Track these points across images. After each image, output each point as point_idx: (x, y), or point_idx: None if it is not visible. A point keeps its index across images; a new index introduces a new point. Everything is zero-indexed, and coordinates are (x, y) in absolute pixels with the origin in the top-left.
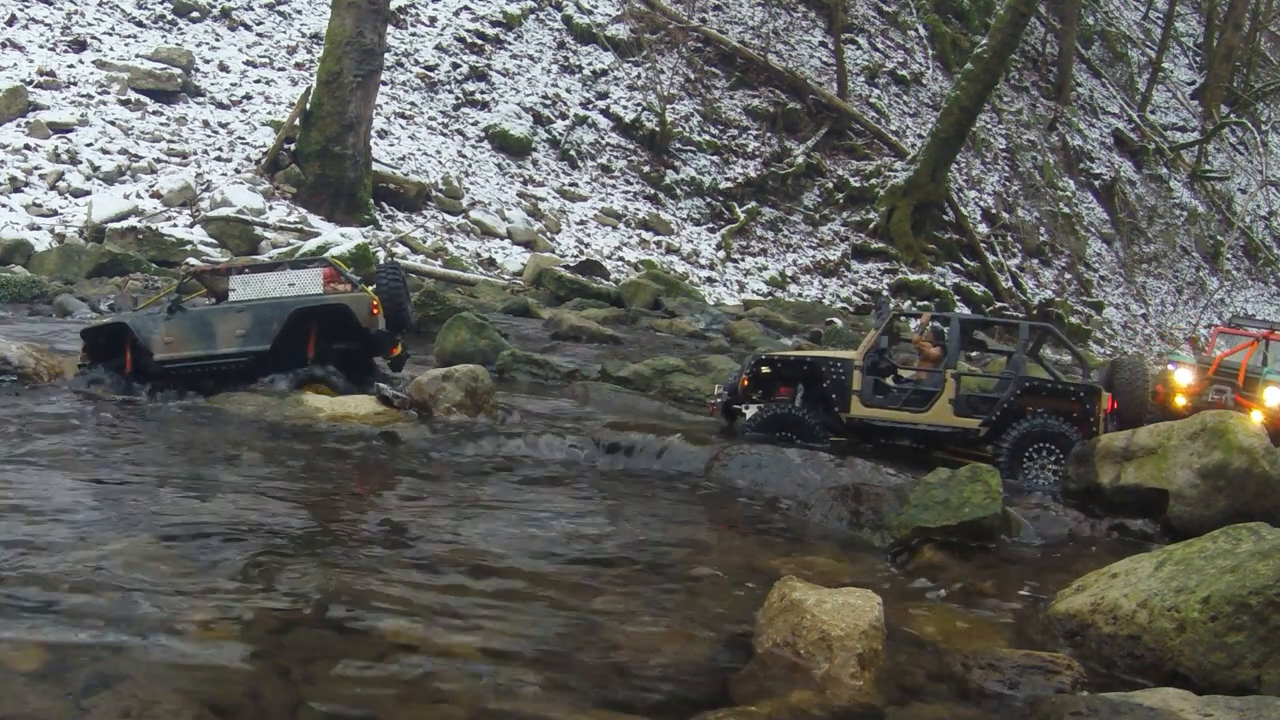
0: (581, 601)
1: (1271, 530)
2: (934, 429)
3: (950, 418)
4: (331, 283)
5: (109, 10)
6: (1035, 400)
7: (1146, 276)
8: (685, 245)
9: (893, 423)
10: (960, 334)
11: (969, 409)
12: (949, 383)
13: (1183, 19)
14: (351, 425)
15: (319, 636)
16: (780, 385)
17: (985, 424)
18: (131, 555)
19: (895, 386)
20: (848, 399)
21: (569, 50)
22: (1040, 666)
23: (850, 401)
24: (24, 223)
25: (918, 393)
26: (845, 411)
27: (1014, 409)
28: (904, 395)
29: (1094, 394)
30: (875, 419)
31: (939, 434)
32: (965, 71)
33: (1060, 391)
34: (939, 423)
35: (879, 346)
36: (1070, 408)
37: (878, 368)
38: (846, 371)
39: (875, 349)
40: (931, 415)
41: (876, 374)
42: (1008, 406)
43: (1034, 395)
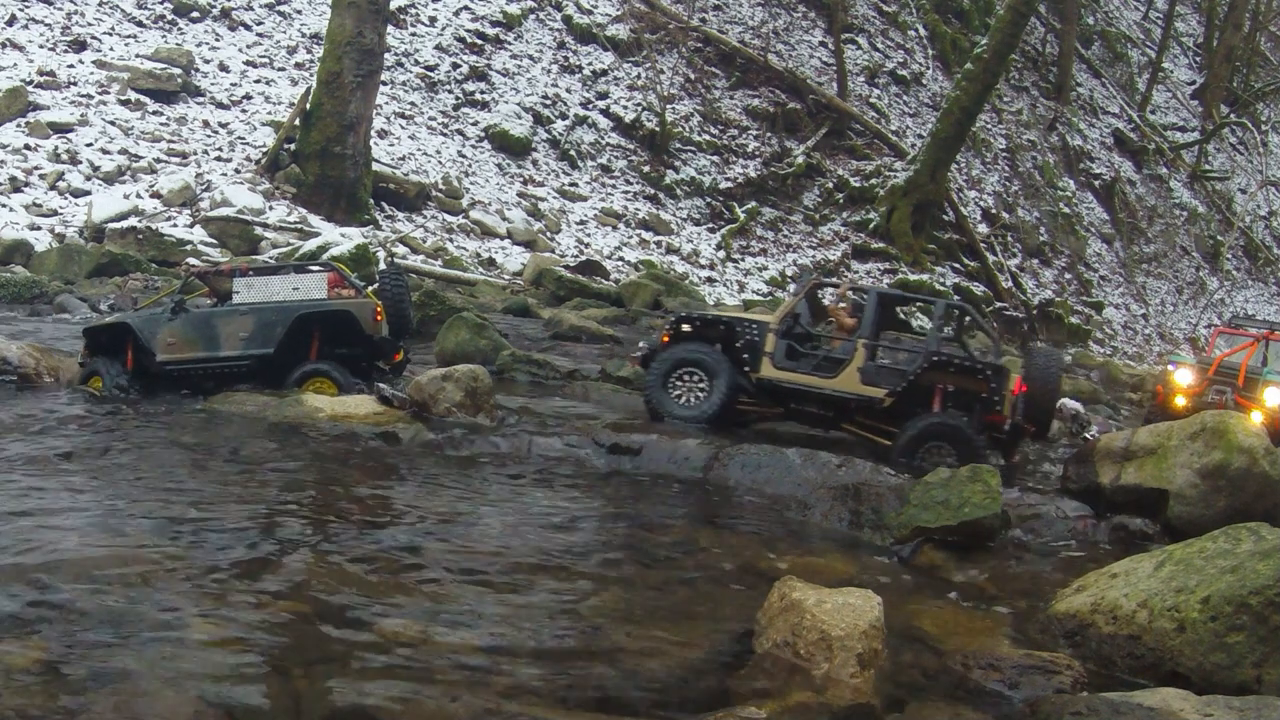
0: (581, 601)
1: (1271, 530)
2: (839, 394)
3: (857, 385)
4: (336, 288)
5: (109, 10)
6: (942, 376)
7: (1146, 276)
8: (685, 245)
9: (801, 386)
10: (877, 308)
11: (876, 378)
12: (859, 351)
13: (1183, 19)
14: (351, 425)
15: (319, 636)
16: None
17: (890, 394)
18: (131, 555)
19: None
20: (759, 360)
21: (569, 50)
22: (1040, 666)
23: (761, 363)
24: (24, 223)
25: (828, 359)
26: (756, 372)
27: (920, 382)
28: (815, 361)
29: (1000, 374)
30: (784, 381)
31: (844, 400)
32: (965, 71)
33: (967, 369)
34: (845, 389)
35: (795, 312)
36: (976, 386)
37: (792, 333)
38: (760, 334)
39: (792, 314)
40: (839, 382)
41: (791, 339)
42: (914, 379)
43: (941, 370)
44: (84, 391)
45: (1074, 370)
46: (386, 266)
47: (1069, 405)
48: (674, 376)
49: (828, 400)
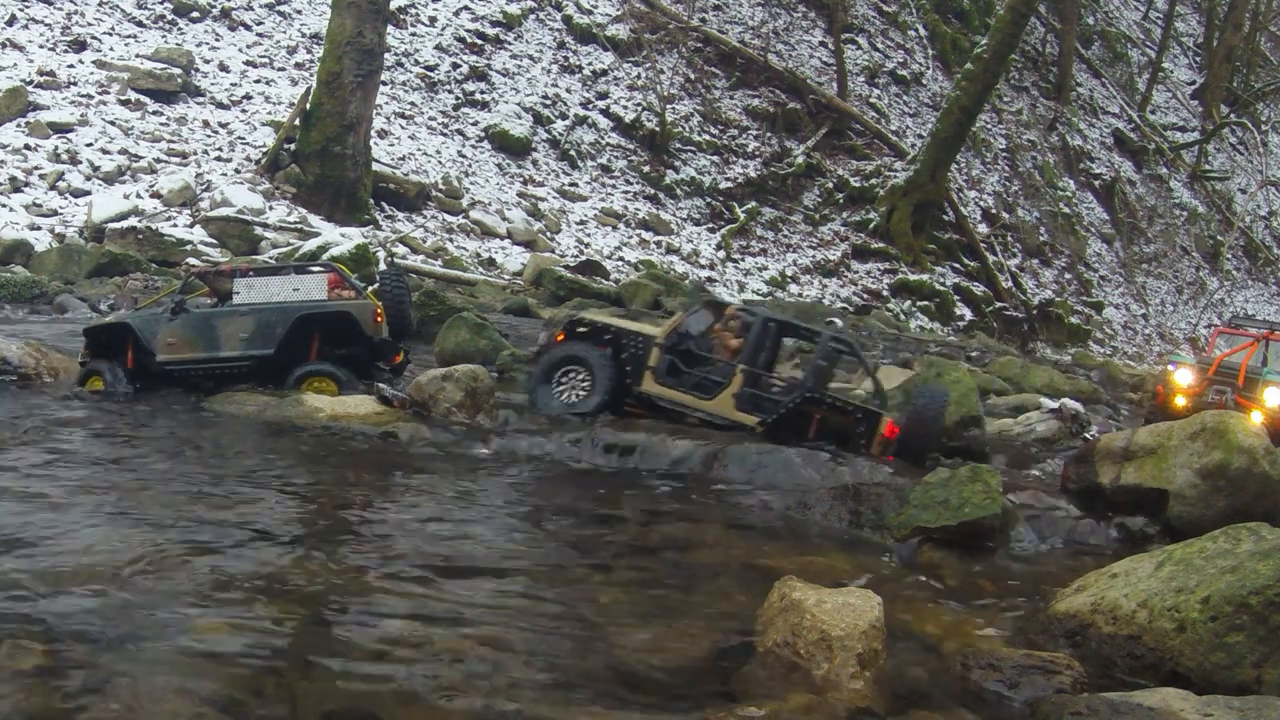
0: (581, 601)
1: (1271, 530)
2: (713, 418)
3: (731, 410)
4: (336, 288)
5: (109, 10)
6: (815, 409)
7: (1146, 276)
8: (685, 245)
9: (678, 405)
10: (762, 334)
11: (751, 405)
12: (737, 376)
13: (1183, 19)
14: (351, 425)
15: (319, 636)
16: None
17: (762, 423)
18: (130, 554)
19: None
20: (641, 373)
21: (569, 50)
22: (1040, 666)
23: (643, 376)
24: (24, 223)
25: (707, 380)
26: (637, 385)
27: (793, 415)
28: (695, 380)
29: (872, 418)
30: (662, 397)
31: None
32: (965, 71)
33: (840, 408)
34: (719, 413)
35: (682, 330)
36: (847, 424)
37: (677, 349)
38: (645, 347)
39: (678, 331)
40: (714, 405)
41: (675, 355)
42: (785, 412)
43: (815, 405)
44: (84, 392)
45: (1074, 370)
46: (387, 267)
47: (1069, 405)
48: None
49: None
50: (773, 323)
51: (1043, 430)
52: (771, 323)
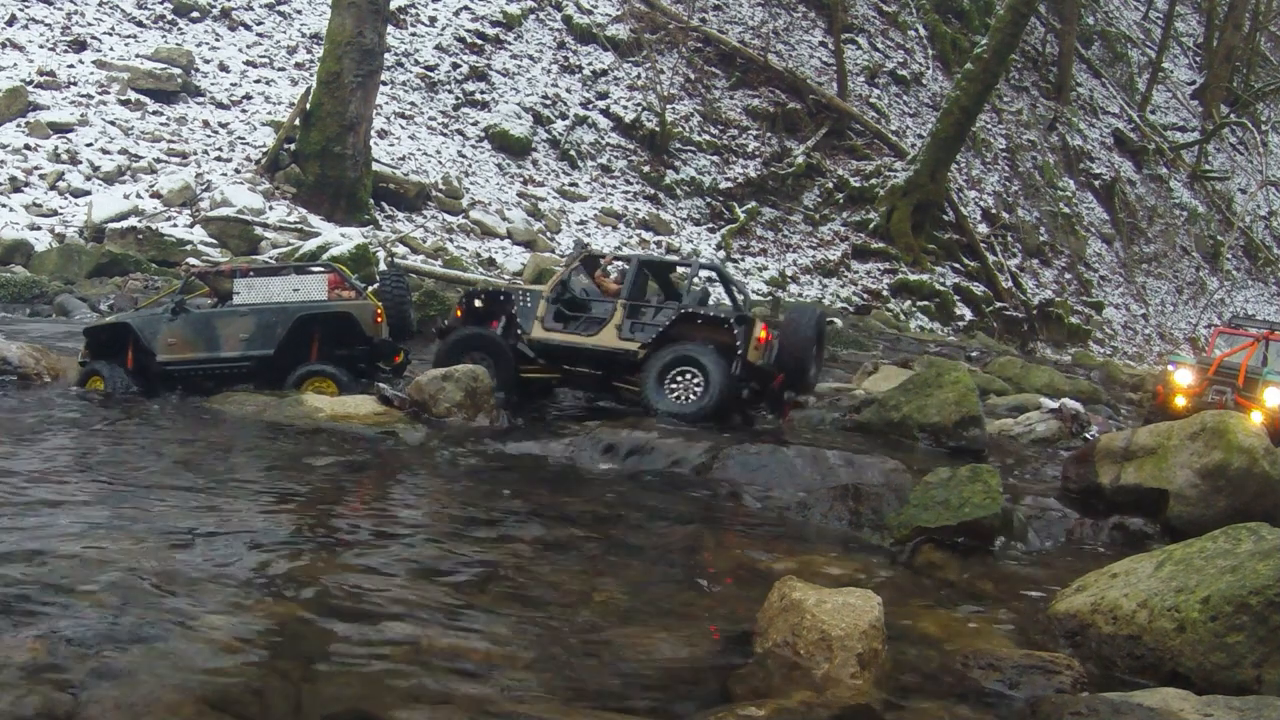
0: (581, 601)
1: (1271, 530)
2: (599, 349)
3: (615, 341)
4: (336, 289)
5: (109, 10)
6: (690, 328)
7: (1146, 276)
8: (685, 245)
9: (566, 344)
10: (637, 273)
11: (632, 334)
12: (618, 310)
13: (1183, 19)
14: (351, 425)
15: (319, 636)
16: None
17: (643, 346)
18: (130, 554)
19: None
20: (531, 324)
21: (569, 50)
22: (1040, 666)
23: (533, 325)
24: (24, 223)
25: (591, 320)
26: (528, 334)
27: (670, 334)
28: (580, 323)
29: (745, 321)
30: (551, 340)
31: (606, 355)
32: (965, 71)
33: (713, 320)
34: (604, 344)
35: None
36: (722, 335)
37: (562, 299)
38: (534, 300)
39: (562, 284)
40: (599, 339)
41: (561, 304)
42: (663, 331)
43: (690, 323)
44: (85, 392)
45: (1074, 370)
46: (387, 268)
47: (1069, 405)
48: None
49: (592, 356)
50: (646, 263)
51: (1043, 430)
52: (645, 263)
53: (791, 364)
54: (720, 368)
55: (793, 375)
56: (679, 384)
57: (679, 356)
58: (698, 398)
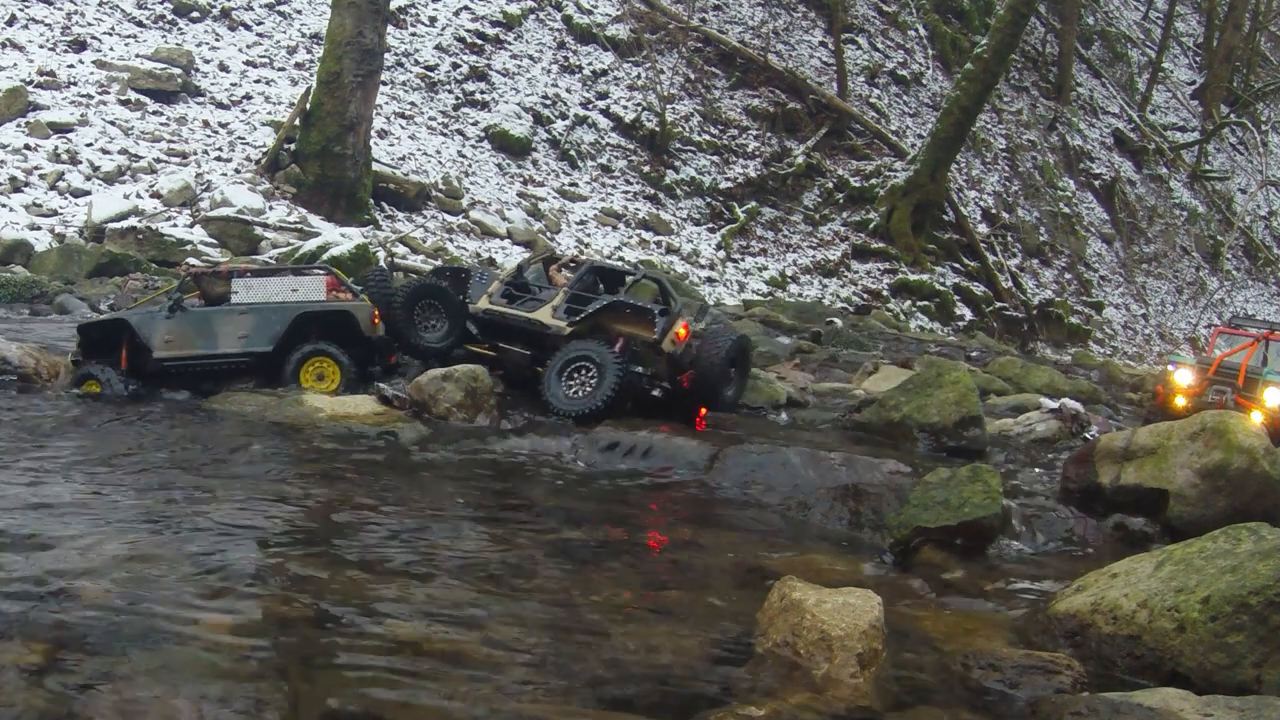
0: (581, 601)
1: (1271, 530)
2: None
3: (548, 318)
4: (334, 290)
5: (109, 10)
6: (616, 317)
7: (1146, 276)
8: (685, 245)
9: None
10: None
11: (564, 315)
12: (559, 294)
13: (1183, 19)
14: (351, 425)
15: (319, 635)
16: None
17: (570, 324)
18: (131, 554)
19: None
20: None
21: (569, 50)
22: (1040, 666)
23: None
24: (24, 223)
25: (533, 300)
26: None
27: (596, 318)
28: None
29: (667, 314)
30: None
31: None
32: (965, 71)
33: (638, 309)
34: (538, 319)
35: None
36: (644, 325)
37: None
38: (488, 279)
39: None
40: (536, 315)
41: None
42: (590, 314)
43: (616, 312)
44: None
45: (1074, 370)
46: (374, 269)
47: (1069, 405)
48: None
49: (526, 334)
50: (595, 267)
51: (1043, 430)
52: (595, 267)
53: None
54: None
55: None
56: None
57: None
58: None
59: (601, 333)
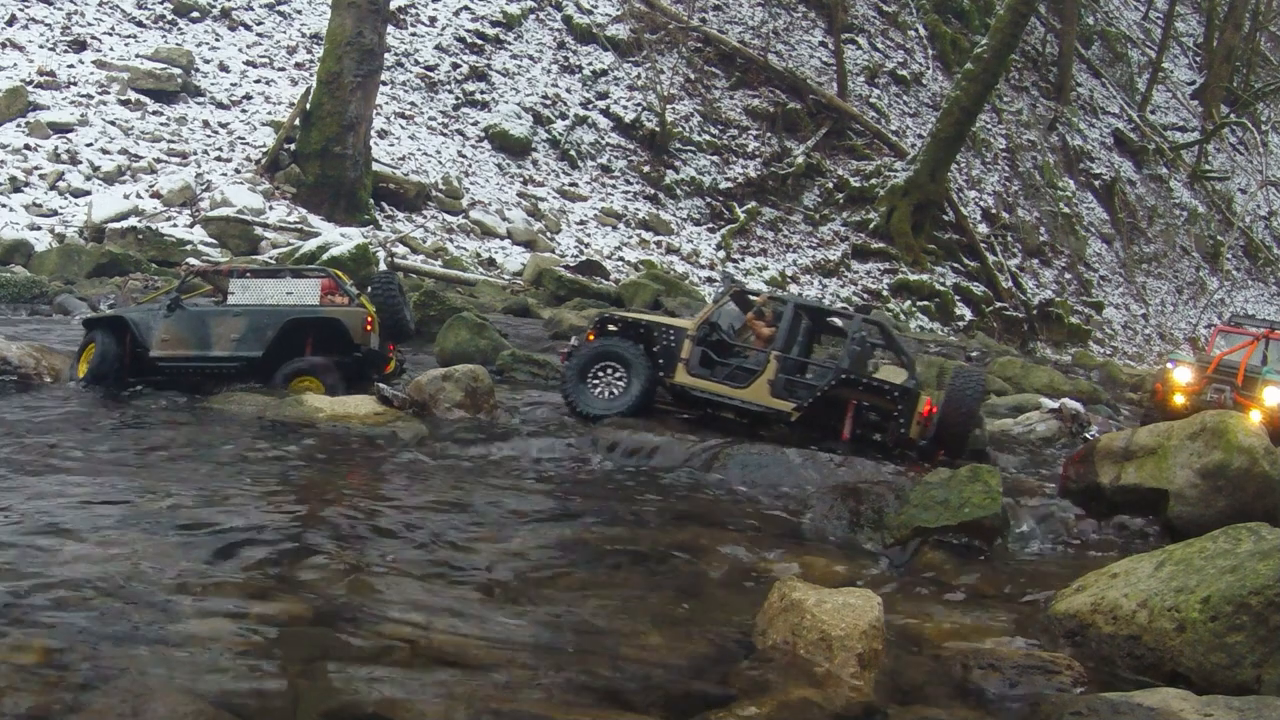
0: (581, 601)
1: (1271, 530)
2: (749, 406)
3: (767, 398)
4: (329, 294)
5: (109, 10)
6: (851, 393)
7: (1146, 276)
8: (685, 245)
9: (712, 395)
10: (793, 319)
11: (786, 392)
12: (771, 364)
13: (1183, 19)
14: (351, 425)
15: (319, 635)
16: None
17: (799, 409)
18: (131, 554)
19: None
20: (674, 365)
21: (569, 50)
22: (1040, 666)
23: (676, 369)
24: (24, 223)
25: (741, 369)
26: (671, 377)
27: (828, 398)
28: (728, 370)
29: (909, 396)
30: (696, 388)
31: (754, 412)
32: (965, 71)
33: (876, 389)
34: (755, 401)
35: (713, 320)
36: (885, 405)
37: (708, 340)
38: (678, 339)
39: (709, 322)
40: (749, 393)
41: (707, 346)
42: (821, 395)
43: (850, 388)
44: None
45: (1074, 370)
46: (379, 273)
47: (1069, 405)
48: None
49: (740, 410)
50: (804, 309)
51: (1043, 430)
52: (803, 309)
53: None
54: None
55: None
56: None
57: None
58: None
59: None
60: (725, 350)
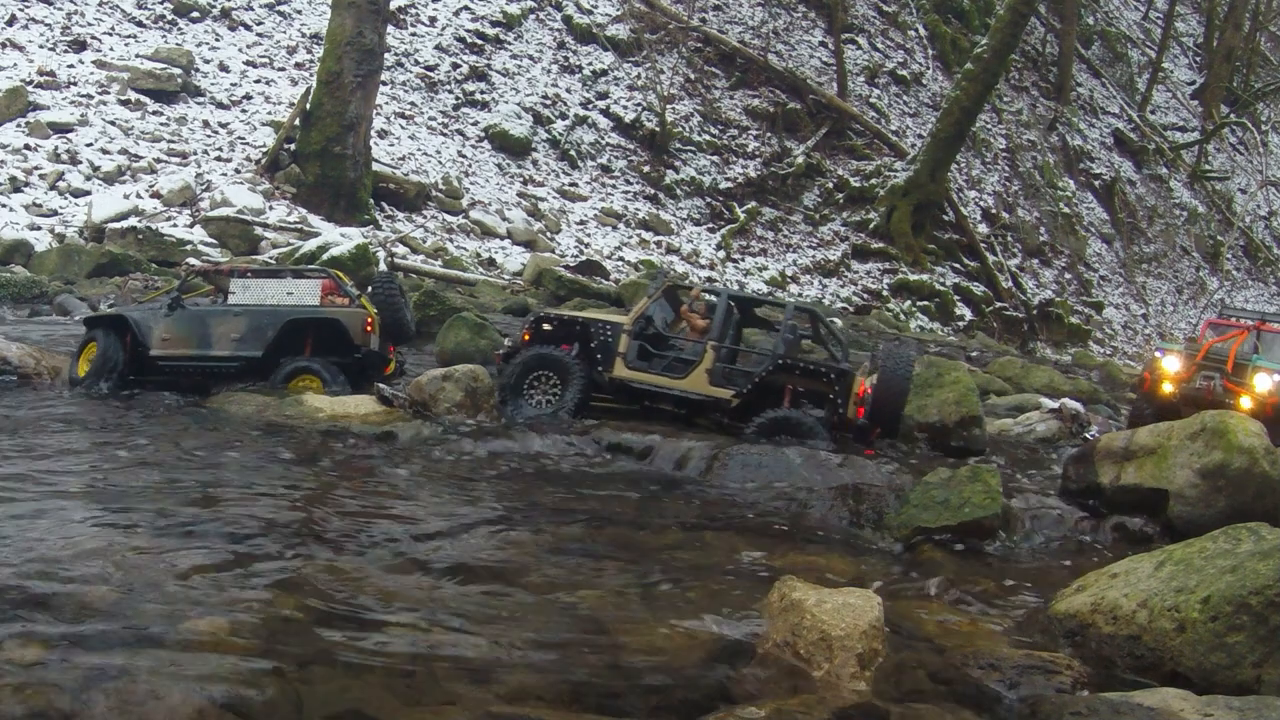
0: (581, 601)
1: (1271, 530)
2: (688, 396)
3: (705, 387)
4: (329, 295)
5: (109, 10)
6: (788, 378)
7: (1146, 276)
8: (685, 245)
9: (652, 386)
10: (727, 310)
11: (724, 380)
12: (708, 353)
13: (1183, 19)
14: (351, 425)
15: (319, 636)
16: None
17: (737, 395)
18: (131, 554)
19: (659, 353)
20: (612, 360)
21: (569, 50)
22: (1040, 666)
23: (614, 362)
24: (24, 223)
25: (678, 360)
26: (609, 371)
27: (766, 384)
28: (666, 362)
29: (844, 377)
30: (635, 381)
31: (693, 401)
32: (965, 71)
33: (812, 372)
34: (694, 390)
35: (648, 314)
36: (821, 388)
37: (645, 334)
38: (614, 334)
39: (645, 316)
40: (688, 383)
41: (644, 340)
42: (759, 381)
43: (787, 373)
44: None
45: (1074, 370)
46: (379, 273)
47: (1069, 405)
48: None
49: (678, 400)
50: (737, 300)
51: (1043, 430)
52: (736, 300)
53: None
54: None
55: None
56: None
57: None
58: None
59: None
60: (662, 343)
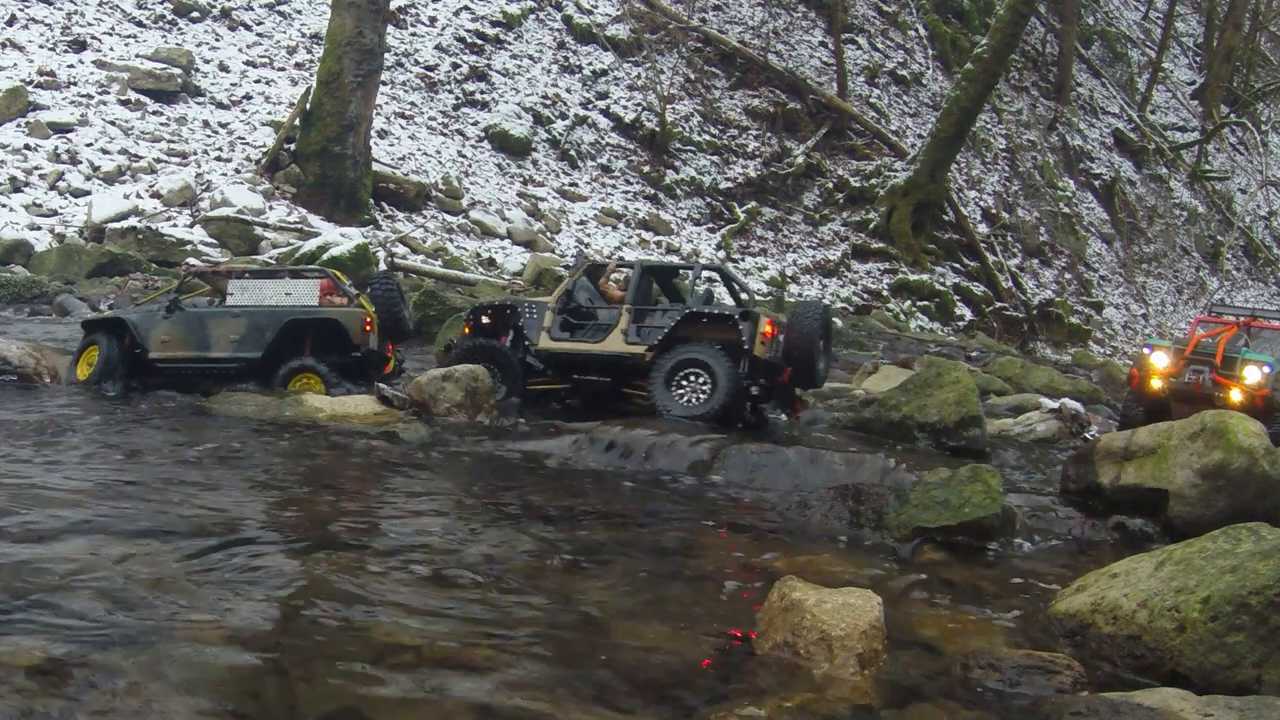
0: (581, 601)
1: (1271, 530)
2: (606, 356)
3: (621, 345)
4: (328, 295)
5: (109, 10)
6: (696, 328)
7: (1146, 276)
8: (685, 245)
9: (574, 353)
10: (640, 277)
11: (638, 337)
12: (624, 316)
13: (1183, 19)
14: (351, 425)
15: (318, 636)
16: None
17: (650, 349)
18: (130, 555)
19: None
20: (539, 335)
21: (569, 50)
22: (1040, 666)
23: (540, 336)
24: (24, 223)
25: (597, 327)
26: (536, 344)
27: (677, 335)
28: (586, 331)
29: (750, 317)
30: (559, 350)
31: (612, 360)
32: (965, 71)
33: (718, 318)
34: (611, 350)
35: (569, 290)
36: (729, 333)
37: (568, 309)
38: (540, 312)
39: (567, 293)
40: (605, 345)
41: (567, 314)
42: (669, 333)
43: (695, 323)
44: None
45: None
46: (378, 273)
47: (1069, 405)
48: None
49: (601, 363)
50: (647, 269)
51: (1043, 430)
52: (646, 269)
53: (799, 359)
54: (726, 368)
55: (801, 370)
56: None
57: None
58: (706, 398)
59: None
60: (584, 317)
